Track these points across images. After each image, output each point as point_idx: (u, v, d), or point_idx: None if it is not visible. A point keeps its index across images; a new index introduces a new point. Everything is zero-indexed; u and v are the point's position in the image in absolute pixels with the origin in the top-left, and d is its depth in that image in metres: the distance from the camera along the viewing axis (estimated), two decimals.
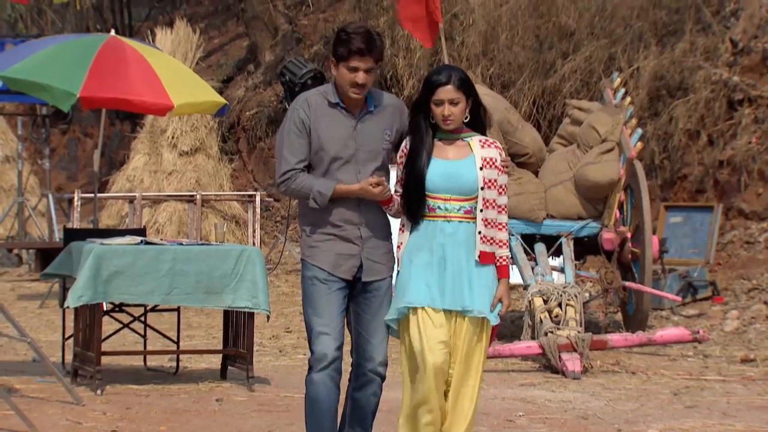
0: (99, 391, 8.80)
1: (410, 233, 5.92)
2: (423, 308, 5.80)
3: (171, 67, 10.81)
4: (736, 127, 14.82)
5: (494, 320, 5.85)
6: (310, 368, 5.96)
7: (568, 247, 11.39)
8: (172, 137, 18.15)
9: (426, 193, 5.85)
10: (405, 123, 6.04)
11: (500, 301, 5.87)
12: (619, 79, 12.72)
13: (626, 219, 12.04)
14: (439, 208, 5.85)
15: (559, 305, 10.39)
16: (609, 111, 11.89)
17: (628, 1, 16.35)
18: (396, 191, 5.97)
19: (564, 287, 10.58)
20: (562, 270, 11.34)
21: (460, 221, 5.84)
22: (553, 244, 11.48)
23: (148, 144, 18.43)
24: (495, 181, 5.85)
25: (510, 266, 5.95)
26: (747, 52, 15.20)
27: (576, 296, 10.48)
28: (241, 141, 21.61)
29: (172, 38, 18.37)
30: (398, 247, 6.00)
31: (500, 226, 5.88)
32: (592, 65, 16.16)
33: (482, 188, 5.83)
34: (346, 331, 6.03)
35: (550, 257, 11.52)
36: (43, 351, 8.60)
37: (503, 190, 5.89)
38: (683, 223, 14.10)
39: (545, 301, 10.45)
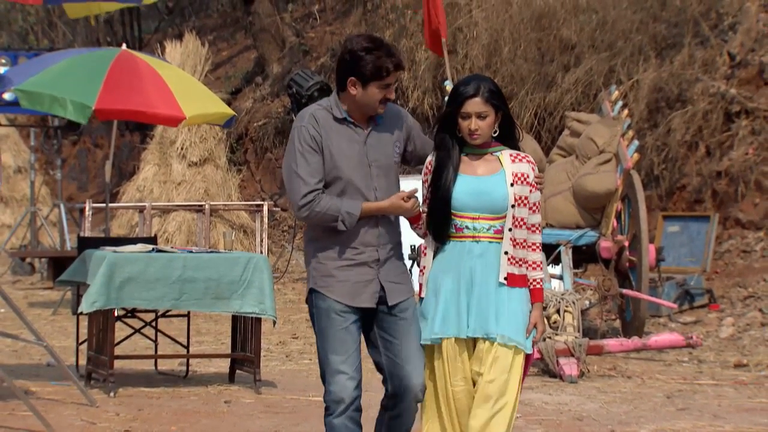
0: (112, 394, 9.13)
1: (435, 255, 5.55)
2: (449, 339, 5.45)
3: (182, 80, 11.17)
4: (733, 139, 15.13)
5: (528, 348, 5.46)
6: (328, 409, 5.58)
7: (566, 256, 11.72)
8: (182, 148, 18.48)
9: (453, 211, 5.46)
10: (410, 127, 5.73)
11: (535, 327, 5.49)
12: (616, 92, 13.04)
13: (624, 228, 12.36)
14: (467, 227, 5.46)
15: (558, 312, 10.70)
16: (607, 123, 12.22)
17: (628, 15, 16.67)
18: (423, 211, 5.59)
19: (562, 294, 10.89)
20: (561, 278, 11.67)
21: (489, 242, 5.45)
22: (552, 253, 11.80)
23: (158, 155, 18.75)
24: (526, 198, 5.47)
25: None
26: (744, 65, 15.52)
27: (574, 303, 10.79)
28: (249, 152, 21.94)
29: (182, 51, 18.70)
30: (421, 271, 5.60)
31: (533, 247, 5.51)
32: (593, 77, 16.47)
33: (513, 206, 5.44)
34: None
35: (550, 265, 11.86)
36: (58, 354, 8.93)
37: (536, 207, 5.51)
38: (680, 233, 14.41)
39: (544, 308, 10.75)
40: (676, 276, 13.66)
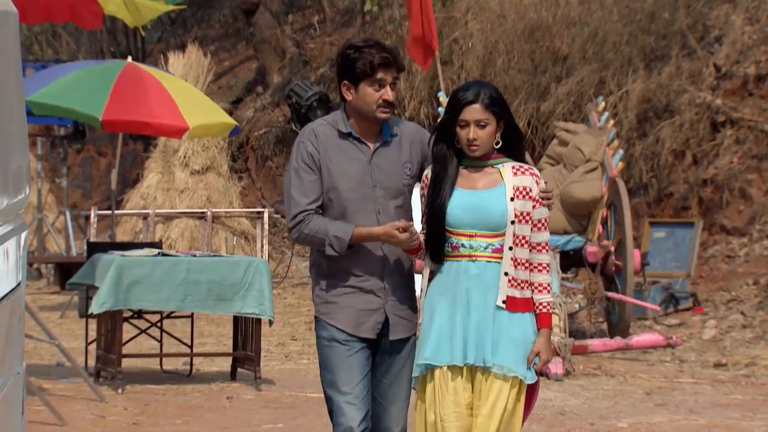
0: (120, 390, 9.62)
1: (432, 277, 5.10)
2: (441, 367, 4.99)
3: (185, 91, 11.67)
4: (718, 148, 15.63)
5: (529, 378, 4.98)
6: None
7: (554, 260, 12.21)
8: (184, 157, 18.95)
9: (447, 228, 5.00)
10: (426, 152, 5.24)
11: (538, 355, 4.99)
12: (603, 103, 13.54)
13: (610, 234, 12.85)
14: (463, 246, 5.00)
15: None
16: (593, 133, 12.73)
17: (618, 28, 17.18)
18: (423, 230, 5.12)
19: None
20: None
21: (488, 261, 4.98)
22: None
23: (161, 163, 19.23)
24: (528, 214, 4.98)
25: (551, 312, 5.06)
26: (729, 77, 16.03)
27: (560, 305, 11.27)
28: (250, 160, 22.40)
29: (184, 62, 19.18)
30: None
31: (539, 267, 5.01)
32: (584, 88, 16.97)
33: (513, 222, 4.96)
34: None
35: None
36: (70, 353, 9.42)
37: (542, 224, 5.01)
38: (666, 238, 14.91)
39: None
40: (661, 280, 14.16)
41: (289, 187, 5.20)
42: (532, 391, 5.06)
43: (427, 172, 5.12)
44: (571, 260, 12.64)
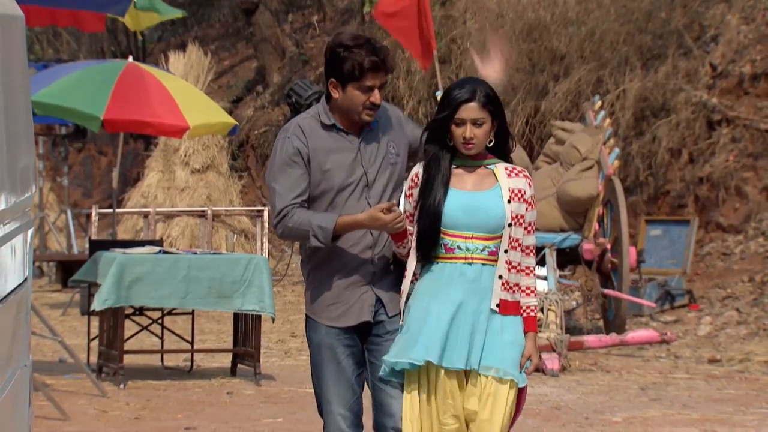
0: (122, 386, 9.76)
1: (420, 277, 5.00)
2: (433, 369, 4.90)
3: (186, 91, 11.82)
4: (714, 146, 15.77)
5: (522, 381, 4.94)
6: None
7: (551, 257, 12.35)
8: (185, 155, 19.09)
9: (443, 229, 4.90)
10: (409, 129, 5.25)
11: (528, 359, 4.94)
12: (599, 102, 13.69)
13: (606, 231, 12.99)
14: (459, 248, 4.90)
15: (541, 310, 11.33)
16: (589, 132, 12.87)
17: (615, 27, 17.31)
18: (408, 229, 5.02)
19: (546, 294, 11.52)
20: (545, 278, 12.30)
21: (483, 264, 4.90)
22: (537, 255, 12.42)
23: (162, 162, 19.36)
24: (522, 217, 4.92)
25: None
26: (725, 76, 16.16)
27: (557, 302, 11.42)
28: (250, 158, 22.54)
29: (185, 62, 19.31)
30: (400, 295, 5.08)
31: (527, 271, 4.96)
32: (582, 87, 17.11)
33: (510, 225, 4.89)
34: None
35: (536, 267, 12.46)
36: (72, 349, 9.55)
37: (531, 228, 4.97)
38: (662, 236, 15.06)
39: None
40: (657, 277, 14.31)
41: (274, 182, 5.10)
42: (520, 394, 5.00)
43: (417, 171, 5.01)
44: (567, 257, 12.79)
